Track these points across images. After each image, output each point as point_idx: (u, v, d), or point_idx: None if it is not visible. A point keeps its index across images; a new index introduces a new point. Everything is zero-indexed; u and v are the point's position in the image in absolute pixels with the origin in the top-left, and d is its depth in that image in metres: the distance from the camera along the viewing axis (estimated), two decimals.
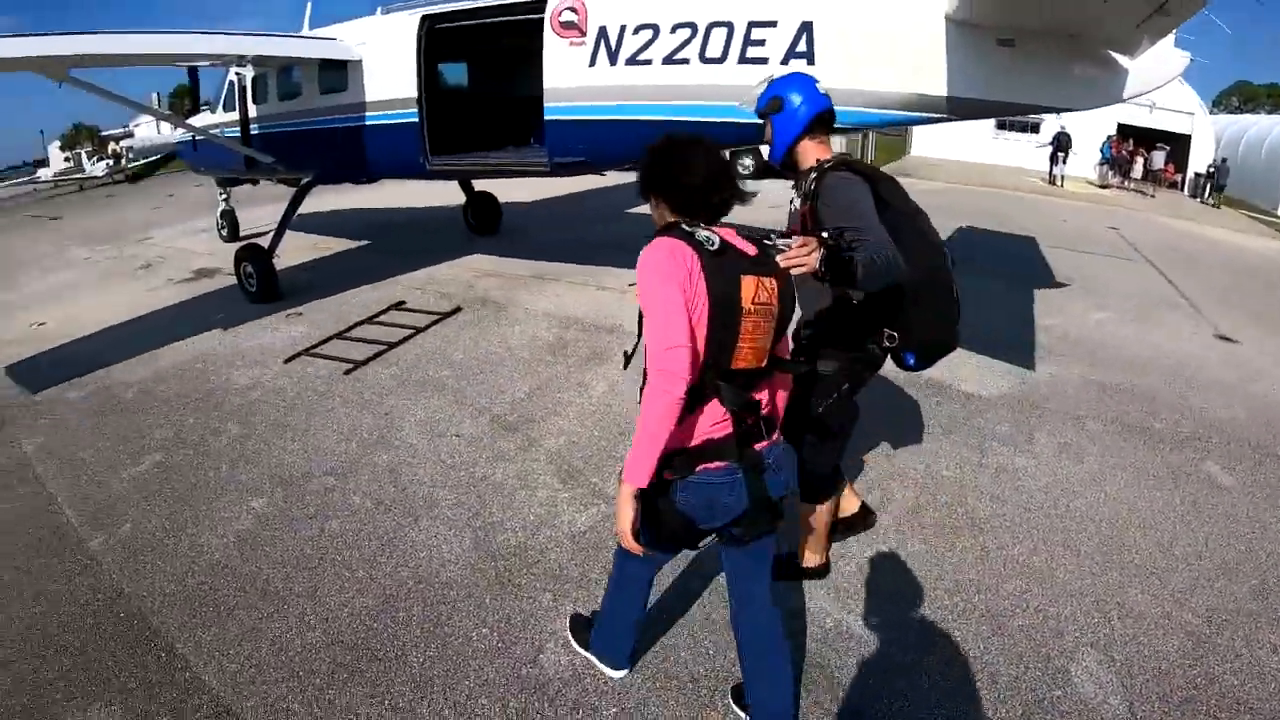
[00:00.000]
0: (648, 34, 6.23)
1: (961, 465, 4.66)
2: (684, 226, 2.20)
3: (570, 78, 6.66)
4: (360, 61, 7.95)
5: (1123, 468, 4.68)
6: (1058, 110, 6.27)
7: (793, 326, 2.53)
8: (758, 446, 2.30)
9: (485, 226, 11.92)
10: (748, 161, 17.69)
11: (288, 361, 6.60)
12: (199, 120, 11.96)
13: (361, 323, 7.55)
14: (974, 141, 26.94)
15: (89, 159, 45.93)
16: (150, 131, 21.19)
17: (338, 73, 8.32)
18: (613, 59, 6.40)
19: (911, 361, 3.08)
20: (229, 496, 4.59)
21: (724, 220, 2.30)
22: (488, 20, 7.55)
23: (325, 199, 12.76)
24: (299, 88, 8.91)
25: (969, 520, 4.10)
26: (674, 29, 6.11)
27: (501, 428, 5.20)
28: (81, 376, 6.99)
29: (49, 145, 64.41)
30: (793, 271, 2.20)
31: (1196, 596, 3.56)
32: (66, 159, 52.60)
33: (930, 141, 27.36)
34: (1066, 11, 4.89)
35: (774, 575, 2.64)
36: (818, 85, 3.04)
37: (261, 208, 13.65)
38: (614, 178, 14.79)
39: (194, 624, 3.54)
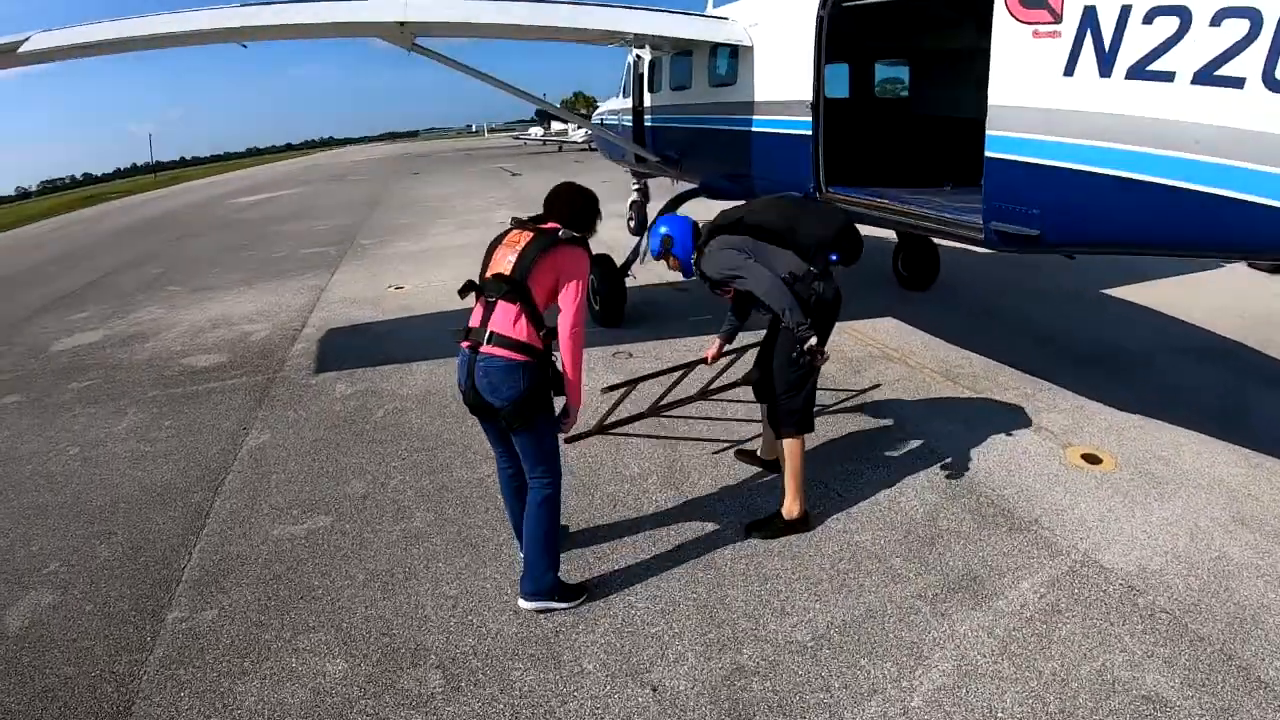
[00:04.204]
0: (1171, 23, 3.62)
1: None
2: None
3: (1031, 90, 4.28)
4: (751, 49, 6.52)
5: None
6: None
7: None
8: (482, 349, 3.32)
9: (918, 279, 9.16)
10: None
11: (570, 441, 4.85)
12: (613, 105, 11.89)
13: (695, 398, 5.58)
14: None
15: (574, 126, 53.44)
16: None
17: (727, 61, 7.05)
18: (1105, 64, 3.87)
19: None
20: (325, 645, 3.52)
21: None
22: None
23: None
24: (688, 78, 7.88)
25: None
26: (1218, 16, 3.38)
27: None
28: (367, 368, 7.17)
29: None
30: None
31: None
32: (563, 122, 62.27)
33: None
34: None
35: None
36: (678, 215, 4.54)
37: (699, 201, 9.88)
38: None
39: None
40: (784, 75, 6.31)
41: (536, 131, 60.74)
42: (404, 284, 11.06)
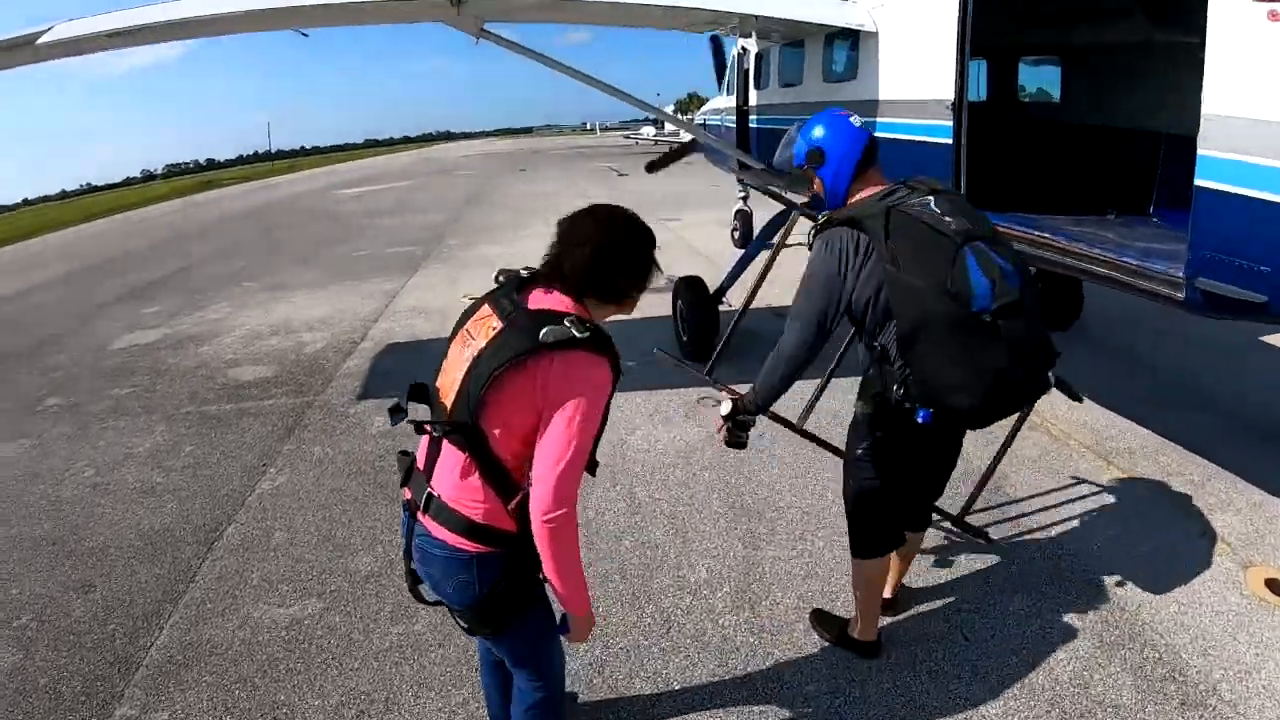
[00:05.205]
0: None
1: None
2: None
3: (1267, 97, 3.19)
4: (875, 35, 5.51)
5: None
6: None
7: None
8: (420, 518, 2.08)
9: (1059, 316, 7.47)
10: None
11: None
12: (716, 104, 11.02)
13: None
14: None
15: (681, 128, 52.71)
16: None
17: (846, 51, 6.04)
18: None
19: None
20: None
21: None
22: None
23: None
24: (800, 73, 6.90)
25: None
26: None
27: None
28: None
29: (664, 107, 76.59)
30: None
31: None
32: (656, 124, 61.87)
33: None
34: None
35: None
36: (851, 119, 2.85)
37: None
38: None
39: None
40: (917, 68, 5.27)
41: (649, 131, 60.26)
42: (479, 293, 10.46)
